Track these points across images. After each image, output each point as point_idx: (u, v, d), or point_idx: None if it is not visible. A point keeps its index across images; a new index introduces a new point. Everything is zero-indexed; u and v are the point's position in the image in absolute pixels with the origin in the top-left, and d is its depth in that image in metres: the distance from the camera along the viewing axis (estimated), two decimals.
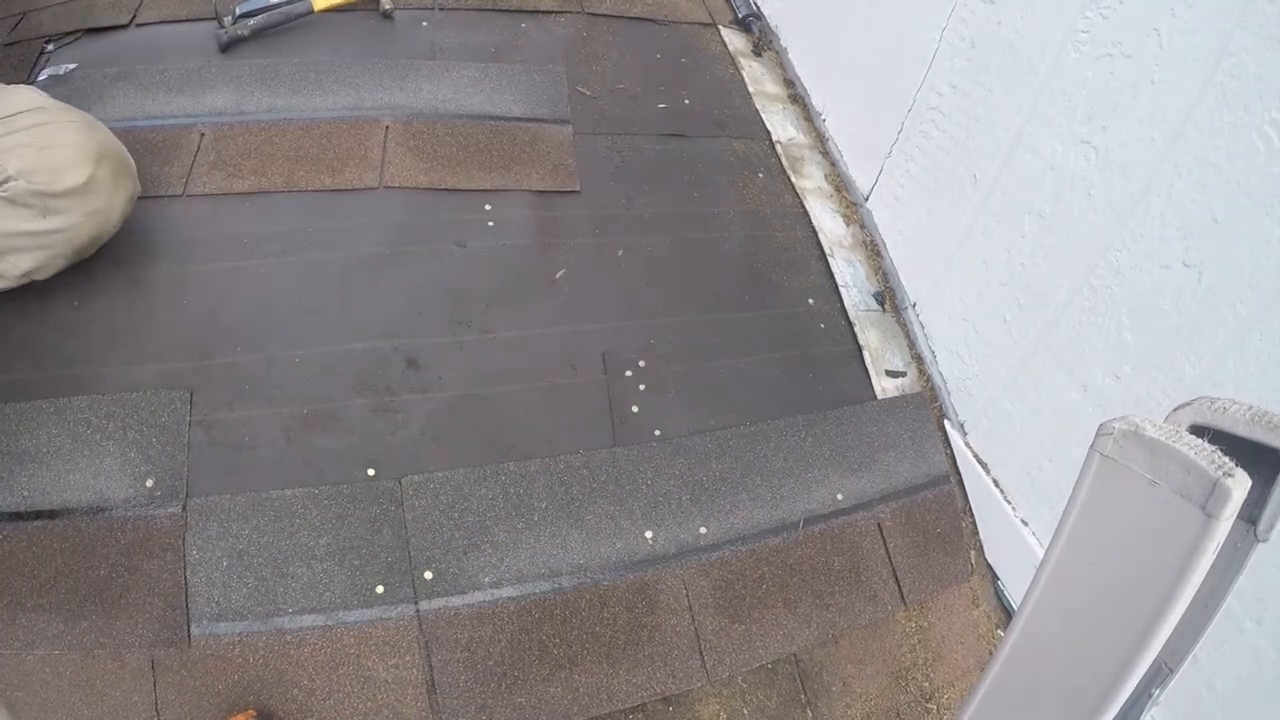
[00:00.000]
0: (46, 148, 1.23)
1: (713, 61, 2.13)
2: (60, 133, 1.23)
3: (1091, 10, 1.18)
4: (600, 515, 1.30)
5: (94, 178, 1.25)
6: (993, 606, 1.49)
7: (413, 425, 1.32)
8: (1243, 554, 0.48)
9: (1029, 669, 0.57)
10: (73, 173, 1.23)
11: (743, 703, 1.26)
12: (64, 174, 1.23)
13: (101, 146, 1.26)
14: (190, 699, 1.07)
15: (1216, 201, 1.03)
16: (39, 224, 1.23)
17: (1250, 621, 1.05)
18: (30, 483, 1.14)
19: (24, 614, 1.07)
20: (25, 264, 1.26)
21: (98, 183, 1.26)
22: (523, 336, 1.47)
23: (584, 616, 1.22)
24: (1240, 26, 0.98)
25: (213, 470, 1.21)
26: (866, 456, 1.50)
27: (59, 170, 1.23)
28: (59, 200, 1.23)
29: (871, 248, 1.83)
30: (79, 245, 1.30)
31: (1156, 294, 1.13)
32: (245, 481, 1.21)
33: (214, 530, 1.16)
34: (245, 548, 1.15)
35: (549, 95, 1.85)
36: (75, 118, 1.27)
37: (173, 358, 1.28)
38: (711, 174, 1.85)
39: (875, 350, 1.67)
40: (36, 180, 1.22)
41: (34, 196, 1.22)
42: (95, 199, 1.27)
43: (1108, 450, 0.49)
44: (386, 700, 1.11)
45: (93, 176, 1.25)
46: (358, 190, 1.57)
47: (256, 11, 1.79)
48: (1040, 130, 1.30)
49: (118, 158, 1.29)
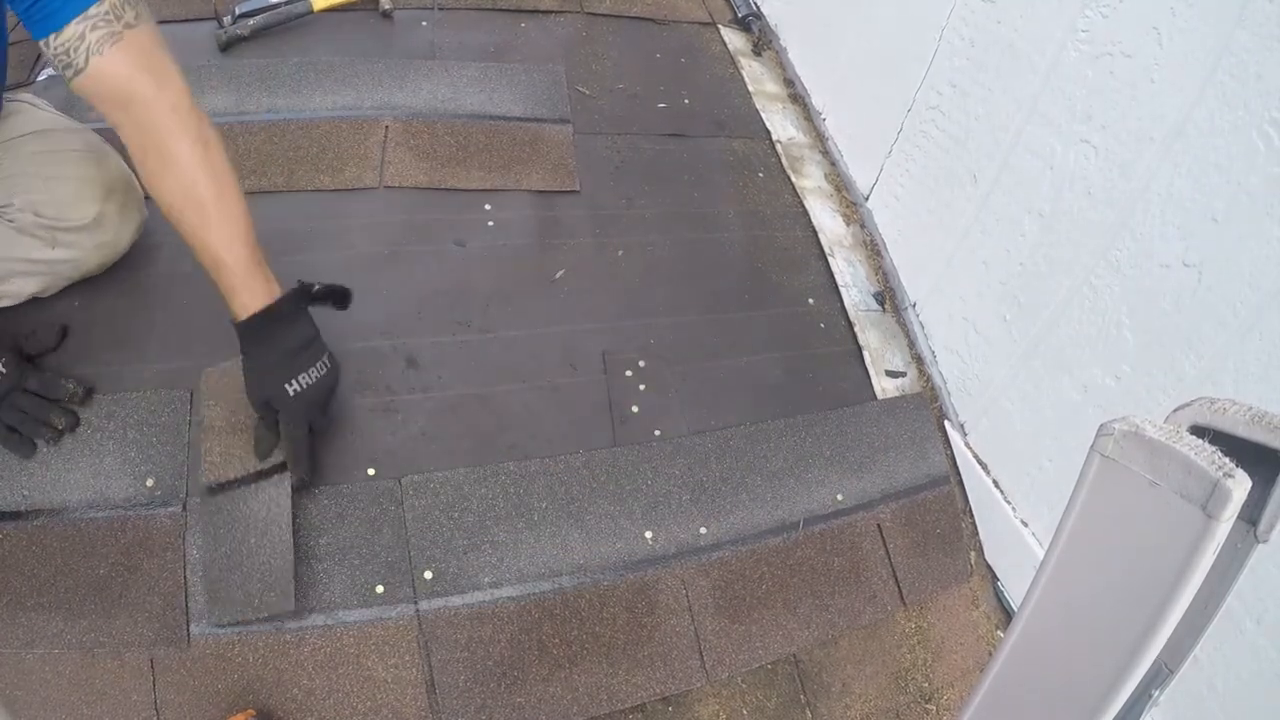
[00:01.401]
0: (52, 179, 1.19)
1: (713, 61, 2.13)
2: (67, 164, 1.19)
3: (1091, 9, 1.18)
4: (600, 515, 1.30)
5: (102, 214, 1.22)
6: (993, 607, 1.50)
7: (412, 425, 1.32)
8: (1243, 554, 0.48)
9: (1029, 669, 0.57)
10: (80, 208, 1.19)
11: (742, 703, 1.26)
12: (71, 209, 1.19)
13: (110, 180, 1.22)
14: (190, 698, 1.07)
15: (1216, 201, 1.03)
16: (47, 254, 1.21)
17: (1250, 621, 1.05)
18: (30, 482, 1.14)
19: (24, 613, 1.07)
20: (31, 287, 1.25)
21: (106, 218, 1.23)
22: (523, 336, 1.47)
23: (584, 616, 1.22)
24: (1240, 26, 0.98)
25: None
26: (866, 457, 1.50)
27: (66, 205, 1.19)
28: (67, 234, 1.21)
29: (871, 247, 1.83)
30: (86, 270, 1.28)
31: (1156, 293, 1.13)
32: None
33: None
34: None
35: (549, 95, 1.85)
36: (81, 144, 1.22)
37: (173, 358, 1.28)
38: (711, 174, 1.85)
39: (875, 350, 1.67)
40: (45, 213, 1.18)
41: (42, 229, 1.19)
42: (104, 233, 1.24)
43: (1108, 451, 0.49)
44: (386, 700, 1.11)
45: (101, 213, 1.21)
46: (357, 190, 1.57)
47: (256, 11, 1.79)
48: (1040, 129, 1.30)
49: (126, 190, 1.25)
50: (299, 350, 1.12)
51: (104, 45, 0.98)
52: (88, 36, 0.97)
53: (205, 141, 1.06)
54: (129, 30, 1.00)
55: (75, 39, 0.96)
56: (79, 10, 0.96)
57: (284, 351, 1.11)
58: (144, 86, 1.01)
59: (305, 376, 1.12)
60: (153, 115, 1.02)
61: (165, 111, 1.02)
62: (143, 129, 1.03)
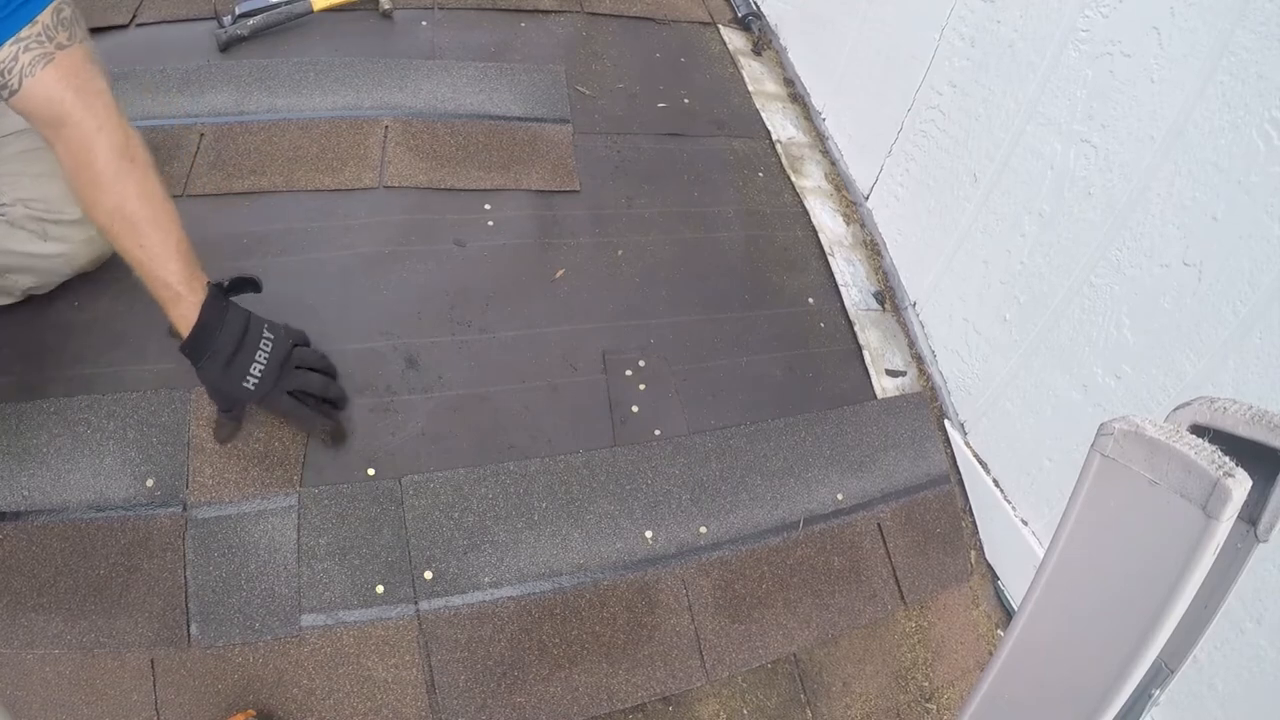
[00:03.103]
0: (41, 176, 1.20)
1: (712, 61, 2.13)
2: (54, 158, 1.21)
3: (1091, 9, 1.18)
4: (600, 515, 1.30)
5: None
6: (993, 606, 1.50)
7: (412, 425, 1.32)
8: (1243, 554, 0.48)
9: (1029, 669, 0.57)
10: (70, 203, 1.19)
11: (742, 703, 1.26)
12: (61, 203, 1.20)
13: None
14: (190, 698, 1.07)
15: (1216, 200, 1.03)
16: (39, 247, 1.22)
17: (1250, 621, 1.05)
18: (30, 482, 1.14)
19: (24, 613, 1.07)
20: (26, 282, 1.26)
21: None
22: (523, 336, 1.47)
23: (584, 616, 1.22)
24: (1240, 25, 0.98)
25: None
26: (866, 456, 1.50)
27: (55, 200, 1.20)
28: (59, 228, 1.22)
29: (871, 247, 1.83)
30: (79, 265, 1.29)
31: (1156, 293, 1.13)
32: None
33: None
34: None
35: (549, 95, 1.85)
36: None
37: (173, 358, 1.28)
38: (711, 173, 1.85)
39: (875, 350, 1.67)
40: (34, 207, 1.19)
41: (33, 221, 1.20)
42: (93, 227, 1.24)
43: (1108, 450, 0.49)
44: (386, 700, 1.11)
45: None
46: (357, 190, 1.57)
47: (256, 11, 1.79)
48: (1040, 129, 1.30)
49: None
50: (239, 347, 1.14)
51: (35, 67, 0.99)
52: (20, 58, 0.98)
53: (132, 159, 1.06)
54: (60, 51, 1.01)
55: (9, 60, 0.98)
56: (10, 33, 0.97)
57: (225, 356, 1.13)
58: (73, 108, 1.02)
59: (256, 365, 1.15)
60: (81, 135, 1.03)
61: (92, 132, 1.03)
62: (72, 149, 1.04)
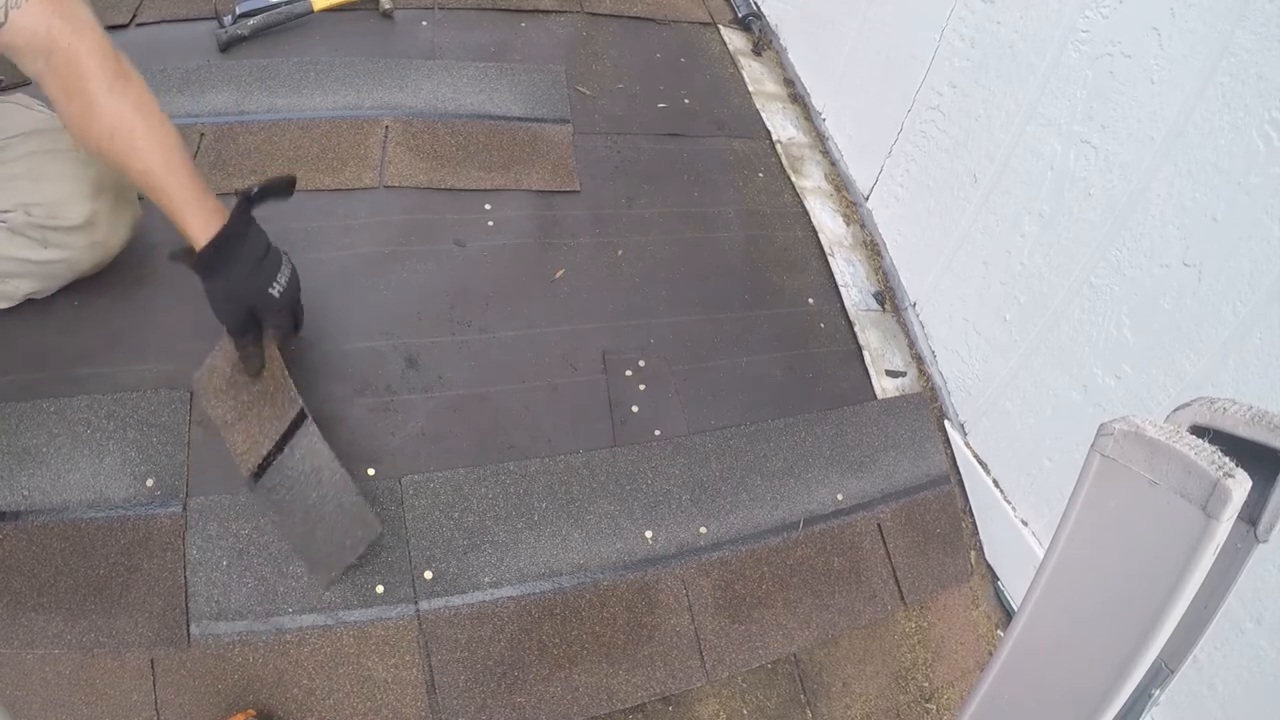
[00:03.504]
0: (43, 179, 1.19)
1: (713, 61, 2.13)
2: (57, 163, 1.19)
3: (1091, 10, 1.18)
4: (600, 515, 1.30)
5: (94, 213, 1.22)
6: (993, 606, 1.50)
7: (412, 425, 1.32)
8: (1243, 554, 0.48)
9: (1029, 669, 0.57)
10: (72, 209, 1.19)
11: (742, 703, 1.26)
12: (62, 209, 1.19)
13: (101, 178, 1.22)
14: (190, 698, 1.07)
15: (1216, 201, 1.03)
16: (40, 254, 1.21)
17: (1250, 621, 1.05)
18: (30, 482, 1.14)
19: (24, 613, 1.07)
20: (26, 287, 1.25)
21: (99, 217, 1.23)
22: (523, 336, 1.47)
23: (584, 616, 1.22)
24: (1240, 26, 0.98)
25: (213, 470, 1.21)
26: (866, 456, 1.50)
27: (57, 205, 1.19)
28: (59, 235, 1.21)
29: (871, 247, 1.83)
30: (81, 271, 1.28)
31: (1156, 293, 1.13)
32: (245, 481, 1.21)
33: (214, 530, 1.16)
34: (245, 547, 1.15)
35: (549, 95, 1.85)
36: (71, 143, 1.21)
37: (173, 358, 1.28)
38: (711, 173, 1.85)
39: (875, 350, 1.67)
40: (35, 213, 1.18)
41: (34, 229, 1.19)
42: (96, 232, 1.24)
43: (1108, 450, 0.49)
44: (386, 700, 1.11)
45: (93, 212, 1.21)
46: (357, 190, 1.57)
47: (256, 11, 1.79)
48: (1040, 130, 1.30)
49: (117, 188, 1.24)
50: (264, 257, 1.16)
51: None
52: None
53: (127, 78, 1.06)
54: None
55: None
56: None
57: (254, 262, 1.14)
58: (60, 33, 1.02)
59: (282, 276, 1.17)
60: (71, 60, 1.03)
61: (82, 55, 1.03)
62: (62, 76, 1.03)
